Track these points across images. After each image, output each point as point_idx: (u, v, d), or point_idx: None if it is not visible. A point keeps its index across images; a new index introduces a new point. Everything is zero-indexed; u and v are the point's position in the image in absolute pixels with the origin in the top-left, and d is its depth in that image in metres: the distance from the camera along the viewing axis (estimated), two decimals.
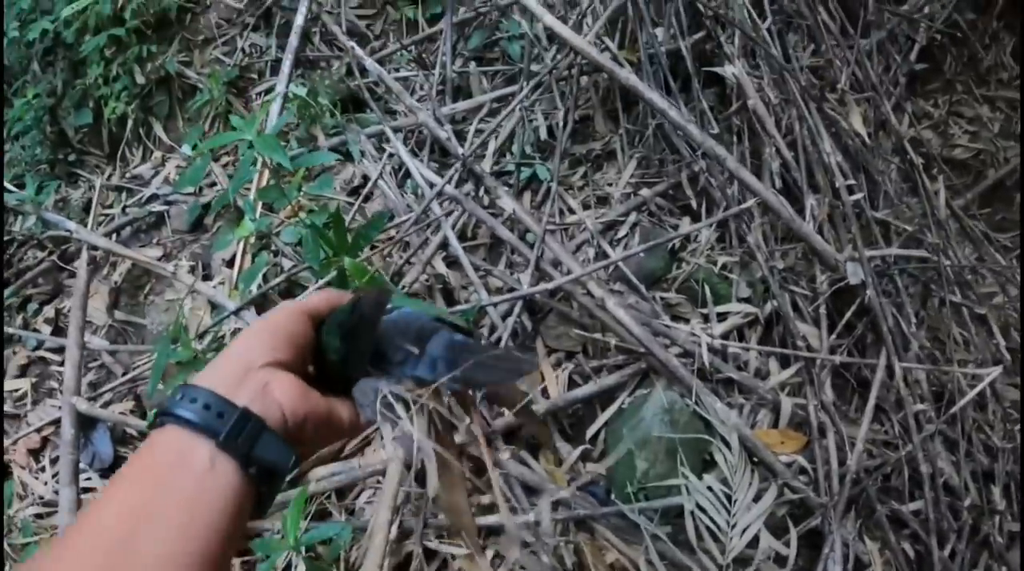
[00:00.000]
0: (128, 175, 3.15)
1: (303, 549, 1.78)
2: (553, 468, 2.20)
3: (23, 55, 3.45)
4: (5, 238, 3.07)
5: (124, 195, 3.10)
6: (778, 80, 2.53)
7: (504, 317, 2.26)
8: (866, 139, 2.50)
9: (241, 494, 0.56)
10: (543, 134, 2.79)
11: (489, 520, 2.03)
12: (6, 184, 3.09)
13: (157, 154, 3.20)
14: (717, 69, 2.53)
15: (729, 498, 2.02)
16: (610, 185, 2.71)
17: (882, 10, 2.83)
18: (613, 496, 2.14)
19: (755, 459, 2.11)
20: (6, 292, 2.92)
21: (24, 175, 3.25)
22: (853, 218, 2.27)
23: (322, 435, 0.67)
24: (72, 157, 3.40)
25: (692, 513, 1.97)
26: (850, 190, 2.32)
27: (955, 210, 2.64)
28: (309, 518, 1.84)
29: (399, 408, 0.71)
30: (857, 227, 2.26)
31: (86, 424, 2.34)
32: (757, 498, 2.01)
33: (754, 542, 1.95)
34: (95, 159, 3.36)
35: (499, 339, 2.21)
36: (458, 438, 0.80)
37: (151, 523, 0.51)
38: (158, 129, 3.26)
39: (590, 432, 2.26)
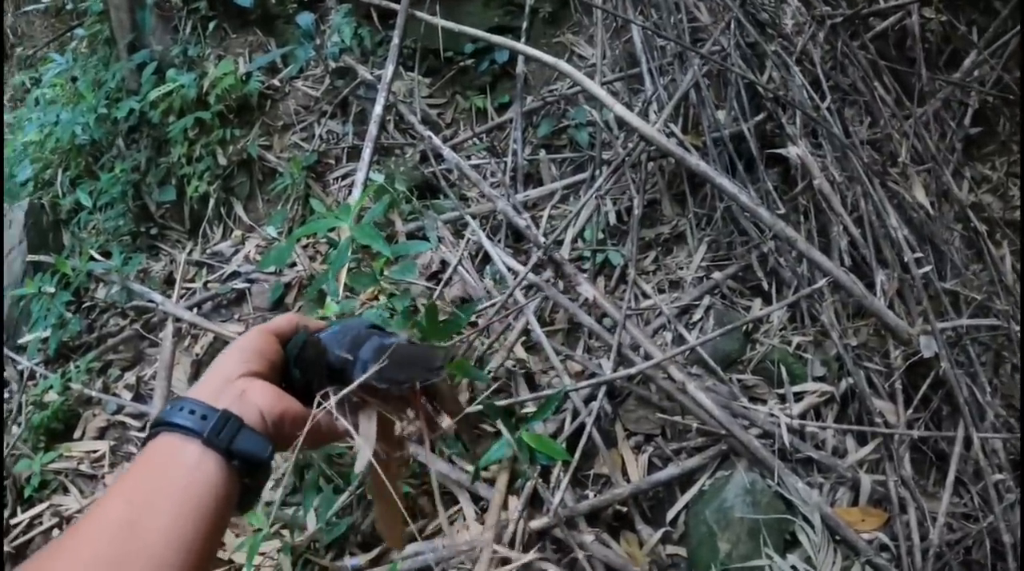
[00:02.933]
0: (209, 251, 3.26)
1: None
2: (635, 550, 2.18)
3: (109, 131, 3.62)
4: (90, 304, 3.16)
5: (205, 271, 3.20)
6: (840, 158, 2.58)
7: (587, 402, 2.28)
8: (929, 210, 2.52)
9: (226, 484, 0.65)
10: (612, 219, 2.84)
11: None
12: (93, 253, 3.20)
13: (237, 233, 3.31)
14: (781, 150, 2.58)
15: None
16: (681, 268, 2.74)
17: (934, 79, 2.87)
18: None
19: (837, 537, 2.09)
20: (89, 356, 3.00)
21: (108, 244, 3.36)
22: (922, 290, 2.28)
23: (301, 432, 0.74)
24: (154, 231, 3.53)
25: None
26: (918, 263, 2.34)
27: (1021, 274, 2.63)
28: None
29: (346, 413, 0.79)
30: (927, 299, 2.27)
31: None
32: None
33: None
34: (176, 234, 3.48)
35: (583, 424, 2.22)
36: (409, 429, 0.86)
37: (150, 511, 0.59)
38: (239, 209, 3.37)
39: (671, 514, 2.26)
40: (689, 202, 2.84)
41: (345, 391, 0.77)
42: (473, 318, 2.38)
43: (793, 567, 2.03)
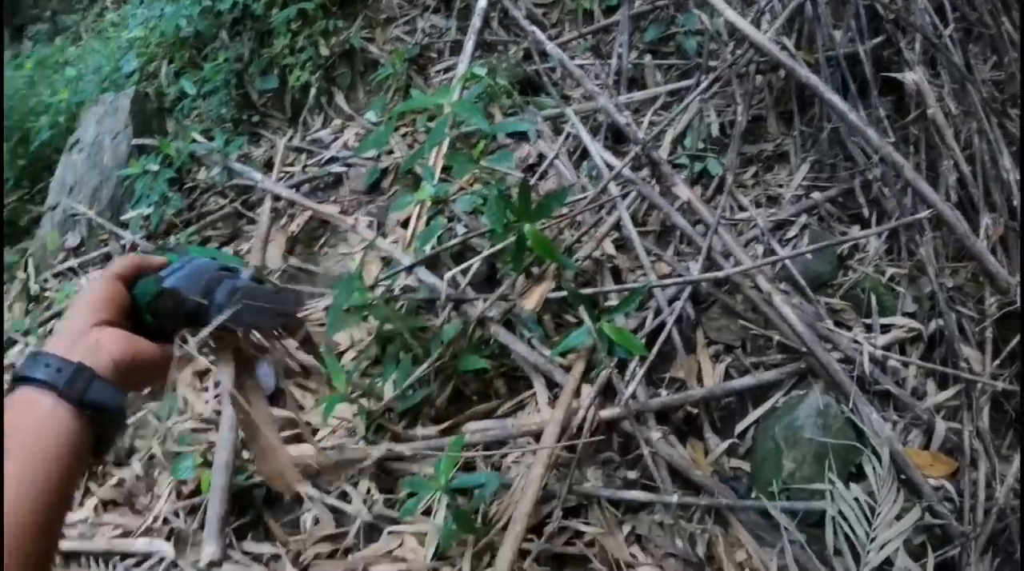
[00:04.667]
0: (308, 138, 3.33)
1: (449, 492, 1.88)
2: (699, 457, 2.20)
3: (213, 23, 3.70)
4: (191, 185, 3.29)
5: (304, 156, 3.28)
6: (958, 91, 2.46)
7: (671, 301, 2.27)
8: None
9: (79, 432, 0.68)
10: (715, 130, 2.79)
11: (628, 495, 2.05)
12: (196, 136, 3.31)
13: (337, 121, 3.37)
14: (896, 75, 2.48)
15: (872, 511, 1.98)
16: (780, 186, 2.68)
17: None
18: (754, 495, 2.12)
19: (903, 476, 2.05)
20: (189, 230, 3.13)
21: (211, 130, 3.47)
22: None
23: (157, 371, 0.79)
24: (255, 118, 3.62)
25: (834, 519, 1.94)
26: None
27: None
28: (456, 468, 1.91)
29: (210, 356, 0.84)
30: None
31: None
32: (899, 516, 1.96)
33: (888, 561, 1.89)
34: (277, 122, 3.57)
35: (663, 323, 2.22)
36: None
37: (8, 457, 0.63)
38: (339, 98, 3.43)
39: (740, 427, 2.25)
40: (795, 121, 2.76)
41: (201, 333, 0.80)
42: (565, 210, 2.38)
43: (856, 498, 2.01)
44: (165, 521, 2.31)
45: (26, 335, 2.91)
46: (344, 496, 2.18)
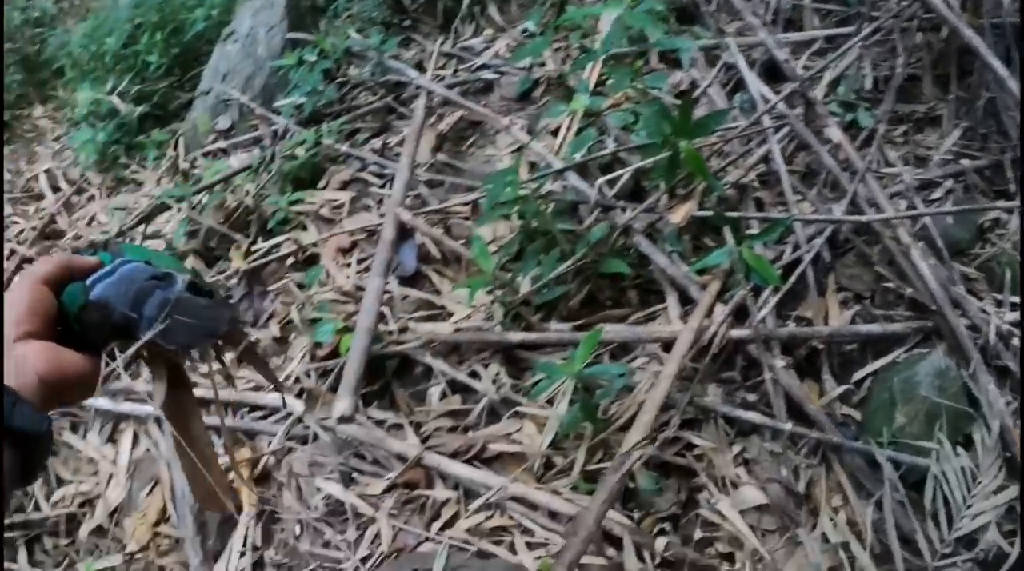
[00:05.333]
0: (459, 46, 3.41)
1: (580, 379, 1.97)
2: (814, 397, 2.23)
3: None
4: (343, 80, 3.42)
5: (454, 62, 3.36)
6: None
7: (809, 240, 2.30)
8: None
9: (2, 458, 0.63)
10: (868, 83, 2.77)
11: (745, 415, 2.11)
12: (351, 32, 3.43)
13: (488, 31, 3.45)
14: None
15: (974, 478, 1.99)
16: (929, 148, 2.65)
17: None
18: (860, 443, 2.15)
19: (1008, 454, 2.03)
20: (340, 120, 3.25)
21: (362, 32, 3.58)
22: None
23: (86, 385, 0.74)
24: (407, 23, 3.71)
25: (936, 480, 1.94)
26: None
27: None
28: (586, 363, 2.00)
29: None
30: None
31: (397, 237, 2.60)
32: (998, 491, 1.96)
33: (979, 531, 1.88)
34: (428, 27, 3.66)
35: (799, 259, 2.25)
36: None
37: None
38: (492, 9, 3.51)
39: (857, 375, 2.27)
40: (952, 85, 2.71)
41: (129, 351, 0.77)
42: (714, 139, 2.41)
43: (962, 467, 2.02)
44: (296, 380, 2.47)
45: (179, 201, 3.11)
46: (474, 375, 2.30)
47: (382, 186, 2.97)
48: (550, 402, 2.15)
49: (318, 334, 2.39)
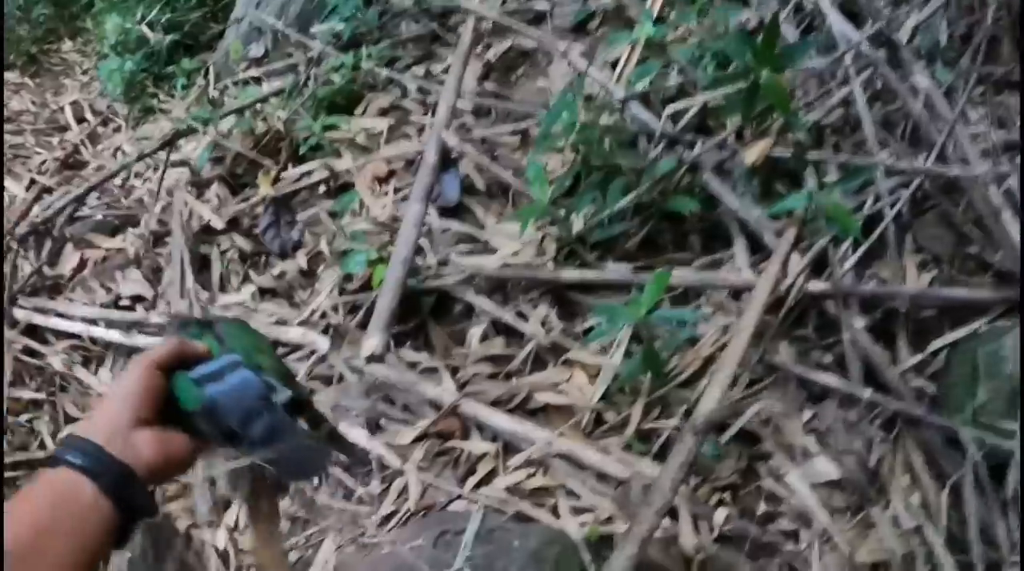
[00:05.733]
0: None
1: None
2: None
3: None
4: (383, 8, 3.22)
5: None
6: None
7: (891, 192, 2.09)
8: None
9: (113, 526, 0.73)
10: (943, 39, 2.54)
11: (821, 378, 1.91)
12: None
13: None
14: None
15: None
16: (1009, 110, 2.43)
17: None
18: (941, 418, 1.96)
19: None
20: (380, 45, 3.07)
21: None
22: None
23: (186, 466, 0.83)
24: None
25: (1020, 463, 1.73)
26: None
27: None
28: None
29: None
30: None
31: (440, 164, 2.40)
32: None
33: None
34: None
35: (879, 213, 2.04)
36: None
37: (51, 538, 0.68)
38: None
39: (935, 344, 2.06)
40: None
41: (227, 465, 0.89)
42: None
43: None
44: (323, 316, 2.29)
45: (206, 125, 2.92)
46: (520, 317, 2.11)
47: (424, 114, 2.78)
48: (604, 351, 1.96)
49: (349, 265, 2.20)
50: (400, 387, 2.03)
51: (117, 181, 3.29)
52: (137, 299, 2.71)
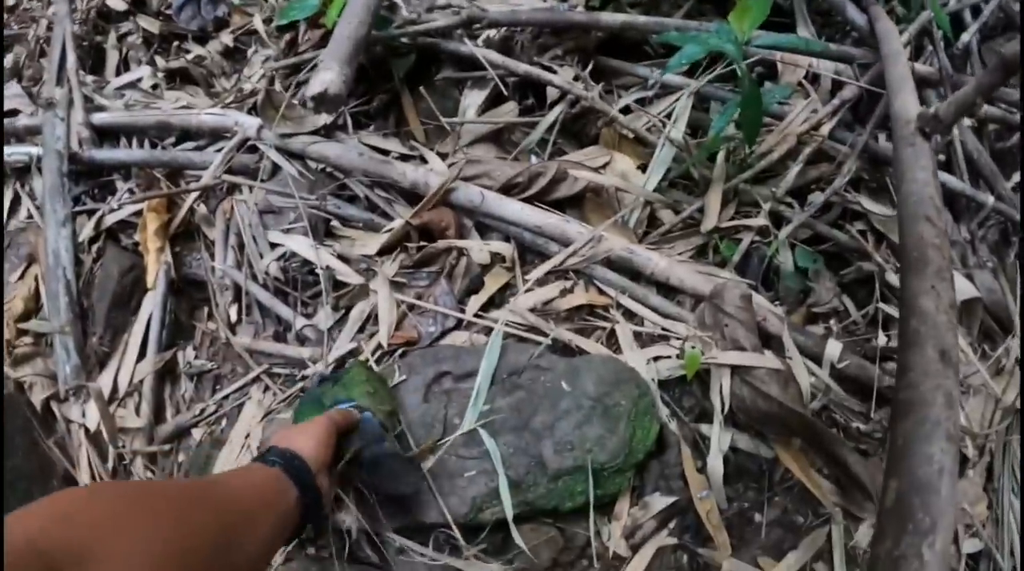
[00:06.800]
0: None
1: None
2: None
3: None
4: None
5: None
6: None
7: None
8: None
9: (296, 529, 0.92)
10: None
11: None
12: None
13: None
14: None
15: None
16: None
17: None
18: None
19: None
20: None
21: None
22: None
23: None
24: None
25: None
26: None
27: None
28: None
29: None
30: None
31: None
32: None
33: None
34: None
35: None
36: None
37: (249, 527, 0.80)
38: None
39: None
40: None
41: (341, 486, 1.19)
42: None
43: None
44: (252, 94, 1.63)
45: None
46: (545, 69, 1.47)
47: None
48: (651, 131, 1.37)
49: (291, 11, 1.53)
50: (362, 171, 1.41)
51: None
52: (11, 114, 1.99)
